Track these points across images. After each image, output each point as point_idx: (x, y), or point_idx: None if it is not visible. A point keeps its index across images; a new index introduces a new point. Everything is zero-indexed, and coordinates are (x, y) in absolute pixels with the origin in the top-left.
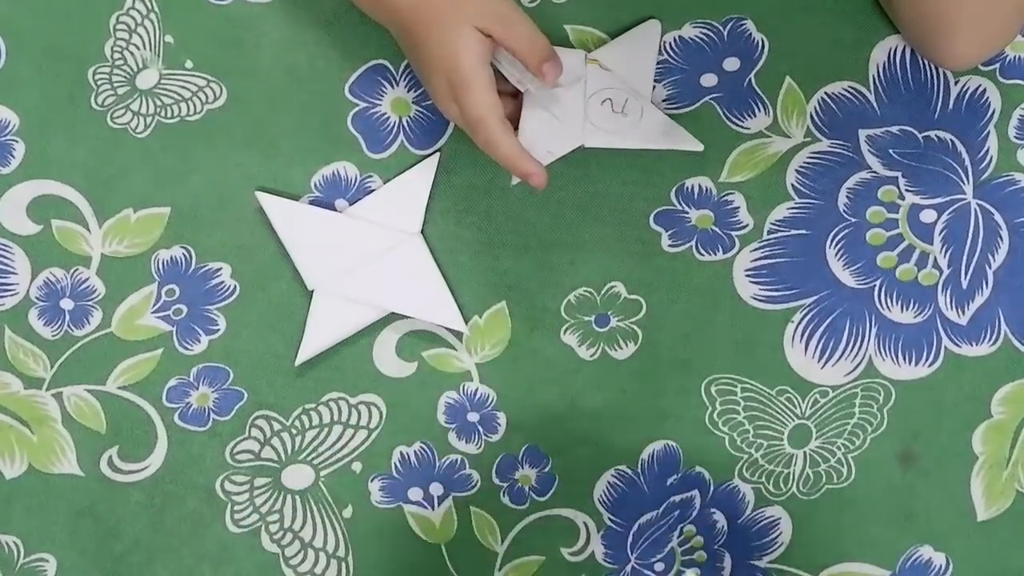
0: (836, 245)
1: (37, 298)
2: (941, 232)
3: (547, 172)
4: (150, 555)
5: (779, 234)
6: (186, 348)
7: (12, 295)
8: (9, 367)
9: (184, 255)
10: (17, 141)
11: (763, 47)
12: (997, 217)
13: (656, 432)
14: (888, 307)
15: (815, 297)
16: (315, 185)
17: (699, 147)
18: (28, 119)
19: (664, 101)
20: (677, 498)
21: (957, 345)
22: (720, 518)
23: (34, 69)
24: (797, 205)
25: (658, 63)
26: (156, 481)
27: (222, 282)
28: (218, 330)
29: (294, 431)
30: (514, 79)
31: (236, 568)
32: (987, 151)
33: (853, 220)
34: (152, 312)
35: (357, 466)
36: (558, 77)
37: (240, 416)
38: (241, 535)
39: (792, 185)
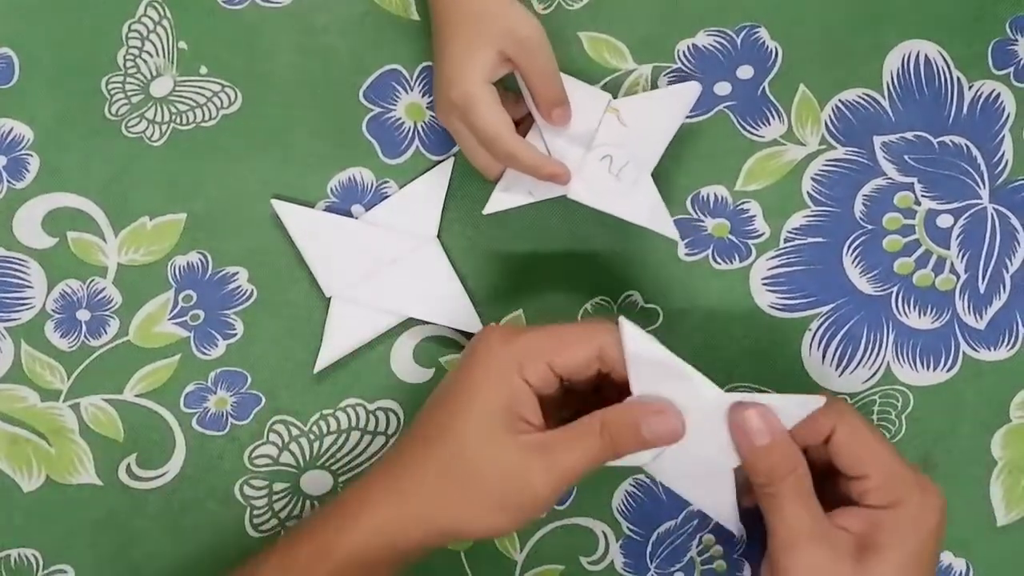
0: (853, 252)
1: (53, 310)
2: (958, 237)
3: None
4: (169, 562)
5: (796, 242)
6: (204, 353)
7: (28, 309)
8: (25, 380)
9: (201, 260)
10: (31, 155)
11: (777, 55)
12: (1014, 221)
13: None
14: (905, 313)
15: (832, 305)
16: (331, 191)
17: (676, 238)
18: (42, 133)
19: None
20: (696, 507)
21: (975, 350)
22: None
23: (47, 82)
24: (813, 213)
25: (671, 71)
26: (175, 487)
27: (239, 286)
28: (235, 335)
29: (312, 436)
30: (528, 103)
31: None
32: (1002, 155)
33: (870, 227)
34: (169, 319)
35: None
36: (564, 125)
37: (258, 420)
38: (261, 540)
39: (808, 193)
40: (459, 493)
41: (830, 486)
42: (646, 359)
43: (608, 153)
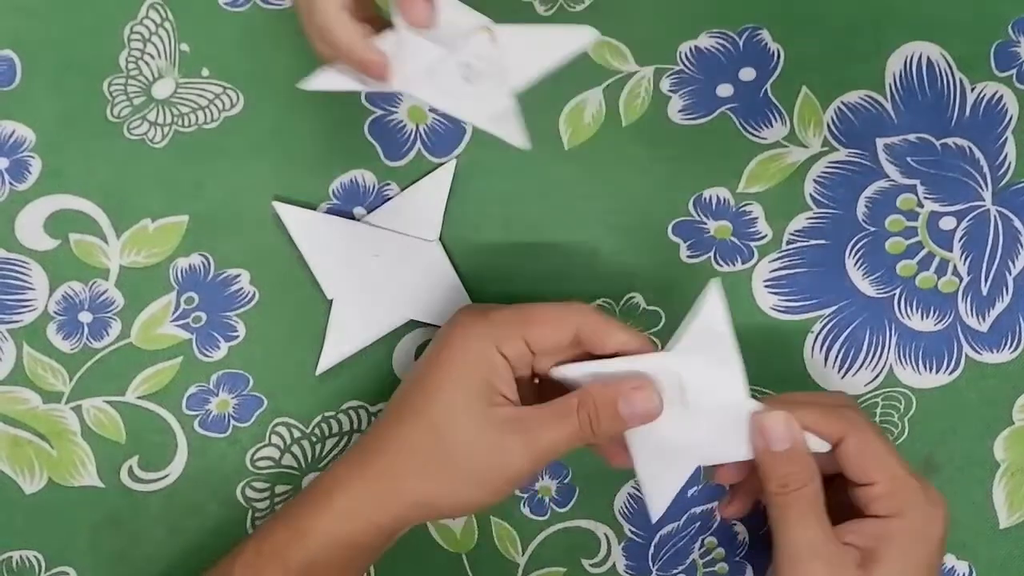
0: (855, 255)
1: (55, 312)
2: (961, 239)
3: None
4: (171, 563)
5: (798, 244)
6: (206, 355)
7: (30, 311)
8: (27, 383)
9: (203, 262)
10: (33, 157)
11: (779, 57)
12: (1017, 223)
13: None
14: (908, 315)
15: (835, 307)
16: (333, 193)
17: (526, 145)
18: (44, 135)
19: (680, 112)
20: (698, 509)
21: (978, 352)
22: (741, 529)
23: (49, 84)
24: (816, 215)
25: (673, 73)
26: (176, 489)
27: (241, 288)
28: (237, 337)
29: (314, 439)
30: (392, 8)
31: None
32: (1005, 157)
33: (872, 229)
34: (171, 321)
35: None
36: (424, 24)
37: (260, 423)
38: None
39: (810, 195)
40: (435, 467)
41: (834, 495)
42: (713, 332)
43: (468, 62)
